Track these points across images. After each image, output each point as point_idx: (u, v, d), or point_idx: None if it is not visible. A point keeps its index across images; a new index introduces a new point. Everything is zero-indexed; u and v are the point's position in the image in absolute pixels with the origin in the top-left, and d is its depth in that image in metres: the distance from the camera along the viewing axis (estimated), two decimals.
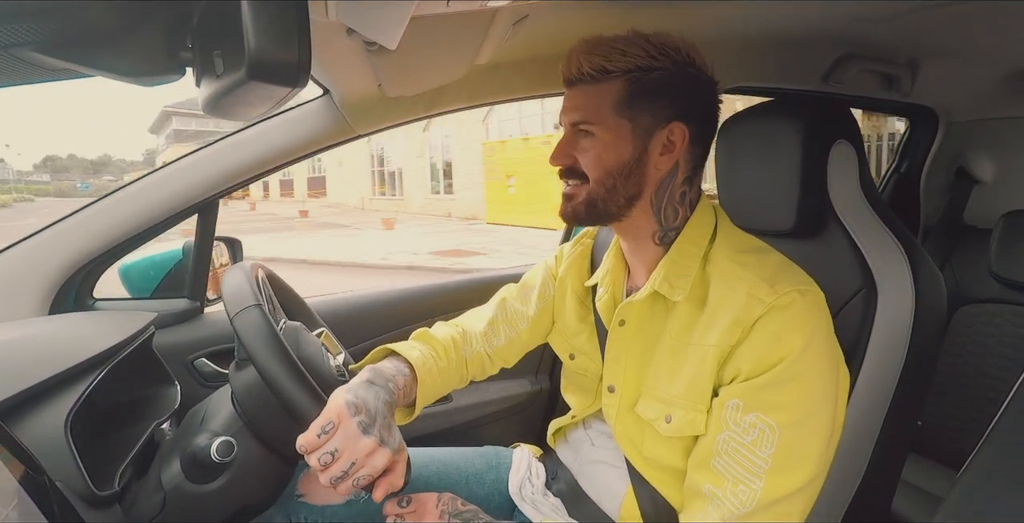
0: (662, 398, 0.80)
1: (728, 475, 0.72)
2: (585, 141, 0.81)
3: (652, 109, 0.78)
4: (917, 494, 1.42)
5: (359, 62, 0.93)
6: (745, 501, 0.70)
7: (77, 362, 0.81)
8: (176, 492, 0.79)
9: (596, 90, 0.79)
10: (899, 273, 0.88)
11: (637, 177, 0.80)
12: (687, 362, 0.78)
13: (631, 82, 0.77)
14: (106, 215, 1.20)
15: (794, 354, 0.71)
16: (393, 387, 0.83)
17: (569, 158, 0.83)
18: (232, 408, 0.86)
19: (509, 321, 1.06)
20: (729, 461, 0.72)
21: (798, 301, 0.73)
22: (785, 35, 1.12)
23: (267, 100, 0.47)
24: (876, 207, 0.95)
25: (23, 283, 1.15)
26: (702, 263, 0.81)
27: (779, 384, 0.71)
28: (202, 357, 1.35)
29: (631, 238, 0.87)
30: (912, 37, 1.12)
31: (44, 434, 0.71)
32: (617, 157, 0.79)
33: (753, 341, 0.72)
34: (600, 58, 0.77)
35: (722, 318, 0.75)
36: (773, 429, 0.70)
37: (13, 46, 0.40)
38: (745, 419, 0.71)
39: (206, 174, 1.23)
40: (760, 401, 0.71)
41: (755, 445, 0.70)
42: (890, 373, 0.86)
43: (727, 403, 0.73)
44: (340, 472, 0.70)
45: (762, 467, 0.70)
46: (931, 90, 1.40)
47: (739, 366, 0.73)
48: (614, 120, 0.79)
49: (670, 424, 0.78)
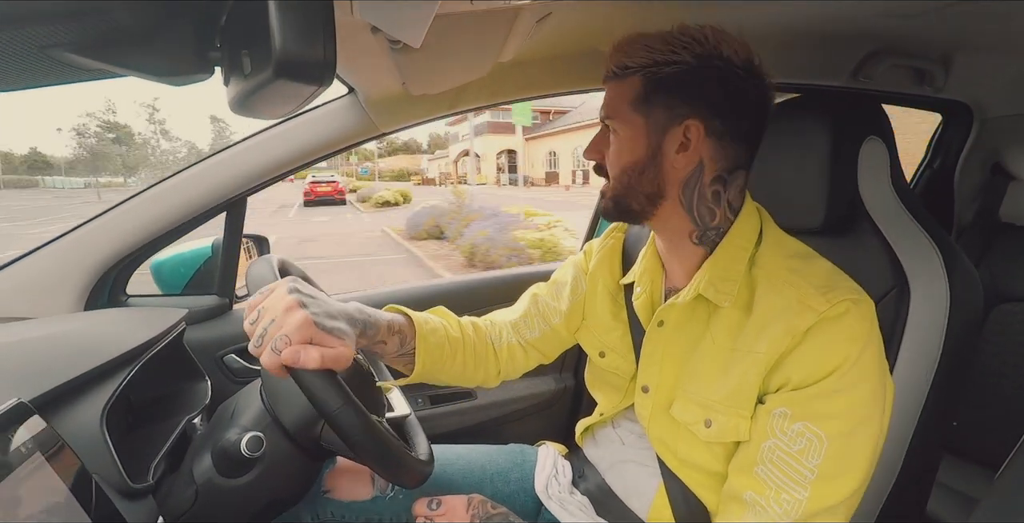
0: (701, 402, 0.78)
1: (772, 483, 0.70)
2: (610, 137, 0.82)
3: (667, 105, 0.76)
4: (953, 496, 1.38)
5: (383, 61, 0.93)
6: (789, 510, 0.68)
7: (112, 357, 0.83)
8: (208, 486, 0.81)
9: (618, 86, 0.79)
10: (933, 271, 0.86)
11: (652, 175, 0.79)
12: (732, 368, 0.76)
13: (647, 78, 0.76)
14: (138, 213, 1.22)
15: (846, 365, 0.69)
16: (369, 314, 0.83)
17: (598, 154, 0.84)
18: (261, 404, 0.87)
19: (542, 314, 1.05)
20: (774, 469, 0.70)
21: (852, 311, 0.70)
22: (814, 31, 1.10)
23: (294, 98, 0.47)
24: (909, 204, 0.93)
25: (61, 280, 1.19)
26: (748, 267, 0.79)
27: (829, 394, 0.69)
28: (231, 353, 1.37)
29: (667, 237, 0.86)
30: (946, 31, 1.09)
31: (81, 428, 0.72)
32: (631, 154, 0.79)
33: (804, 350, 0.71)
34: (623, 55, 0.77)
35: (772, 325, 0.73)
36: (821, 439, 0.68)
37: (50, 47, 0.41)
38: (792, 428, 0.70)
39: (234, 172, 1.25)
40: (809, 410, 0.69)
41: (802, 454, 0.69)
42: (924, 373, 0.84)
43: (774, 411, 0.71)
44: (262, 330, 0.68)
45: (808, 477, 0.68)
46: (965, 85, 1.36)
47: (788, 375, 0.71)
48: (630, 116, 0.78)
49: (710, 429, 0.77)
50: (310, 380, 0.68)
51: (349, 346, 0.73)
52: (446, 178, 42.61)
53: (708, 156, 0.78)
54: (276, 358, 0.67)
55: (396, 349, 0.88)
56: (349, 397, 0.69)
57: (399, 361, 0.91)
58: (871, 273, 0.85)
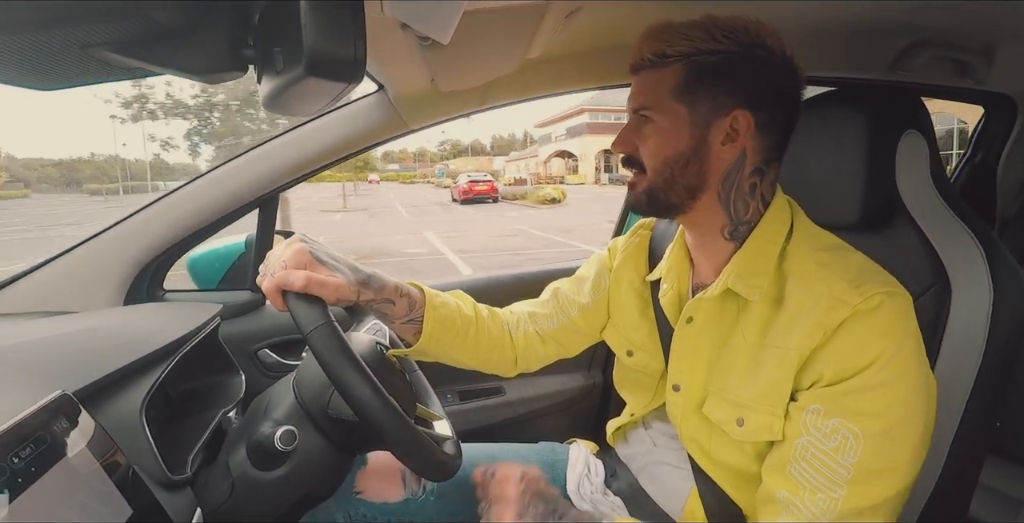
0: (733, 400, 0.77)
1: (806, 482, 0.68)
2: (646, 128, 0.78)
3: (712, 95, 0.74)
4: (997, 497, 1.34)
5: (413, 57, 0.94)
6: (825, 509, 0.66)
7: (151, 351, 0.85)
8: (243, 478, 0.82)
9: (656, 75, 0.77)
10: (975, 268, 0.83)
11: (697, 167, 0.77)
12: (764, 364, 0.74)
13: (689, 66, 0.74)
14: (173, 211, 1.25)
15: (882, 360, 0.66)
16: (377, 272, 0.85)
17: (630, 145, 0.80)
18: (294, 398, 0.88)
19: (561, 306, 1.04)
20: (807, 468, 0.68)
21: (886, 304, 0.68)
22: (851, 23, 1.07)
23: (325, 95, 0.48)
24: (949, 200, 0.90)
25: (101, 275, 1.22)
26: (778, 261, 0.77)
27: (864, 390, 0.67)
28: (265, 348, 1.40)
29: (698, 232, 0.84)
30: (988, 21, 1.05)
31: (122, 420, 0.74)
32: (675, 146, 0.76)
33: (837, 345, 0.69)
34: (662, 43, 0.75)
35: (803, 320, 0.71)
36: (858, 437, 0.66)
37: (91, 46, 0.43)
38: (826, 425, 0.68)
39: (267, 169, 1.27)
40: (844, 407, 0.67)
41: (837, 452, 0.66)
42: (966, 373, 0.82)
43: (807, 408, 0.69)
44: (266, 265, 0.78)
45: (843, 476, 0.66)
46: (1009, 76, 1.31)
47: (821, 371, 0.69)
48: (671, 105, 0.76)
49: (743, 428, 0.75)
50: (293, 301, 0.74)
51: (342, 281, 0.77)
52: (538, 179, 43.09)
53: (751, 147, 0.77)
54: (271, 281, 0.74)
55: (404, 312, 0.88)
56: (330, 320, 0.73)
57: (408, 329, 0.91)
58: (909, 270, 0.83)
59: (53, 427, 0.59)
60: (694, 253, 0.88)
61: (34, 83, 0.50)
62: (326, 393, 0.85)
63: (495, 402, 1.59)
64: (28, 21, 0.39)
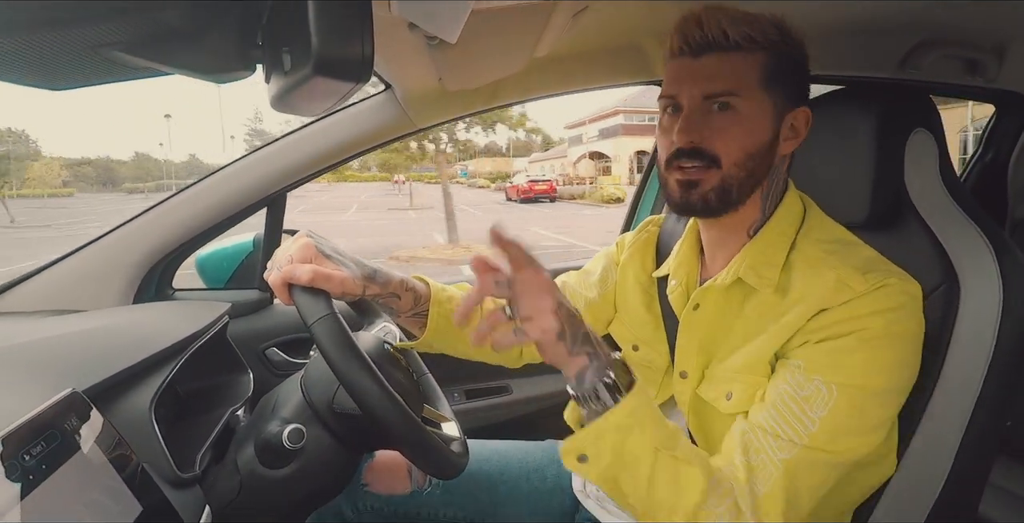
0: (722, 377, 0.77)
1: (770, 426, 0.67)
2: (723, 117, 0.72)
3: (788, 89, 0.74)
4: (1006, 497, 1.34)
5: (420, 57, 0.94)
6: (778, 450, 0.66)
7: (160, 349, 0.85)
8: (251, 476, 0.83)
9: (741, 59, 0.71)
10: (984, 267, 0.83)
11: (767, 162, 0.75)
12: (755, 340, 0.75)
13: (774, 56, 0.72)
14: (183, 209, 1.26)
15: (873, 328, 0.67)
16: (383, 267, 0.86)
17: (700, 135, 0.72)
18: (302, 396, 0.89)
19: None
20: (775, 413, 0.68)
21: (892, 285, 0.69)
22: (860, 22, 1.06)
23: (332, 95, 0.48)
24: (959, 199, 0.90)
25: (110, 274, 1.23)
26: (788, 251, 0.78)
27: (849, 351, 0.67)
28: (273, 347, 1.40)
29: (727, 230, 0.81)
30: (999, 19, 1.04)
31: (132, 418, 0.75)
32: (760, 138, 0.73)
33: (831, 313, 0.69)
34: (745, 26, 0.70)
35: (806, 302, 0.71)
36: (831, 392, 0.66)
37: (102, 46, 0.43)
38: (807, 378, 0.68)
39: (274, 169, 1.27)
40: (826, 363, 0.68)
41: (807, 402, 0.66)
42: (975, 373, 0.81)
43: (791, 362, 0.70)
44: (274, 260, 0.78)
45: (808, 427, 0.66)
46: (1020, 75, 1.30)
47: (808, 336, 0.70)
48: (760, 95, 0.72)
49: (730, 401, 0.75)
50: (298, 295, 0.75)
51: (347, 275, 0.78)
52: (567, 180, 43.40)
53: (798, 144, 0.78)
54: (278, 275, 0.75)
55: (410, 306, 0.89)
56: (334, 311, 0.74)
57: (414, 322, 0.91)
58: (918, 269, 0.82)
59: (64, 425, 0.60)
60: (710, 250, 0.87)
61: (44, 83, 0.50)
62: (332, 388, 0.86)
63: (501, 401, 1.59)
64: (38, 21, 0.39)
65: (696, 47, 0.72)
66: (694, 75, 0.73)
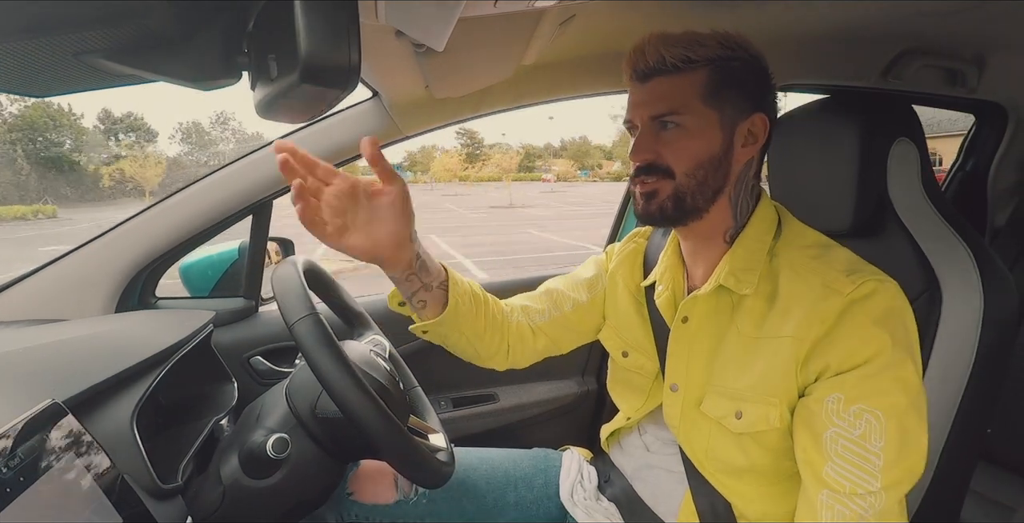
0: (730, 394, 0.78)
1: (845, 480, 0.68)
2: (670, 133, 0.78)
3: (736, 99, 0.77)
4: (986, 503, 1.35)
5: (407, 64, 0.94)
6: (866, 507, 0.67)
7: (142, 359, 0.84)
8: (235, 486, 0.82)
9: (680, 80, 0.77)
10: (966, 275, 0.84)
11: (724, 170, 0.79)
12: (758, 355, 0.76)
13: (715, 71, 0.76)
14: (166, 217, 1.24)
15: (888, 343, 0.69)
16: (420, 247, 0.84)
17: (652, 153, 0.79)
18: (286, 406, 0.88)
19: (553, 301, 1.03)
20: (841, 462, 0.69)
21: (880, 290, 0.71)
22: (844, 31, 1.08)
23: (319, 102, 0.48)
24: (940, 207, 0.91)
25: (92, 282, 1.21)
26: (768, 258, 0.80)
27: (878, 373, 0.69)
28: (257, 355, 1.39)
29: (700, 238, 0.85)
30: (980, 30, 1.06)
31: (112, 428, 0.74)
32: (708, 148, 0.77)
33: (839, 334, 0.71)
34: (682, 49, 0.75)
35: (796, 309, 0.73)
36: (879, 418, 0.68)
37: (83, 53, 0.42)
38: (849, 410, 0.69)
39: (259, 176, 1.27)
40: (862, 391, 0.69)
41: (864, 439, 0.68)
42: (957, 379, 0.82)
43: (827, 399, 0.71)
44: None
45: (876, 464, 0.67)
46: (1000, 85, 1.33)
47: (827, 361, 0.71)
48: (702, 109, 0.77)
49: (741, 420, 0.76)
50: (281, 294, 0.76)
51: None
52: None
53: (759, 150, 0.80)
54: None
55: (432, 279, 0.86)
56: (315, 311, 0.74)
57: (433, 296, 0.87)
58: (901, 276, 0.84)
59: (42, 436, 0.59)
60: (690, 259, 0.89)
61: (26, 90, 0.49)
62: (314, 393, 0.85)
63: (489, 409, 1.59)
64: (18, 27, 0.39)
65: (642, 74, 0.78)
66: (643, 99, 0.80)
